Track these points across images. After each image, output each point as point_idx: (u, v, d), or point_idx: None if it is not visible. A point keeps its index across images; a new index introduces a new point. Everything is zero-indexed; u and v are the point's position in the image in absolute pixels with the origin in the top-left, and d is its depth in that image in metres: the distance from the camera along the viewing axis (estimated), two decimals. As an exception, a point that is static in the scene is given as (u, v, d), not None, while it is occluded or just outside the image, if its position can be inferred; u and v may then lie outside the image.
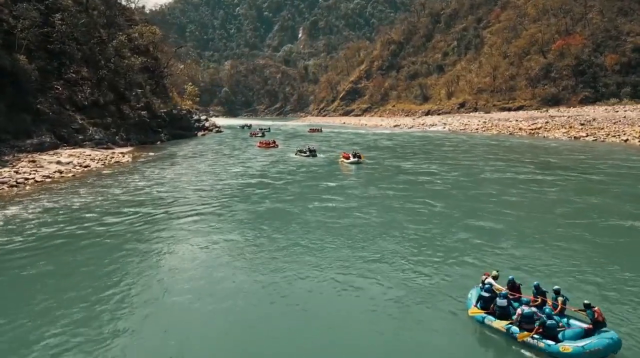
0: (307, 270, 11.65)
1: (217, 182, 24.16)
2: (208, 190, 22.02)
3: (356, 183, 23.80)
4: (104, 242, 14.19)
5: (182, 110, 59.22)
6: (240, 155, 38.93)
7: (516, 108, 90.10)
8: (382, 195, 20.47)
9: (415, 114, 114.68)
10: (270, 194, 21.04)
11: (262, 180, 24.83)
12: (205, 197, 20.63)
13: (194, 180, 25.21)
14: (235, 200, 19.92)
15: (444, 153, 38.28)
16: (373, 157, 35.56)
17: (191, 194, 21.12)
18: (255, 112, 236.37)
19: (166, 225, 15.91)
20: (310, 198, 19.67)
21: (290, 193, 21.28)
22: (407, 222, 15.72)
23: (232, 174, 26.66)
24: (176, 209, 18.10)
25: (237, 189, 22.28)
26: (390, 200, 19.48)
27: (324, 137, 65.28)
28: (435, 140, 51.04)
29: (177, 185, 23.48)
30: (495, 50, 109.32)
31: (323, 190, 21.67)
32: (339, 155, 36.48)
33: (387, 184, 23.29)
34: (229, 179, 25.14)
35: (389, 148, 43.73)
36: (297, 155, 40.04)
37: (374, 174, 27.51)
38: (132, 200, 19.59)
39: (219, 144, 51.18)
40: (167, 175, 26.34)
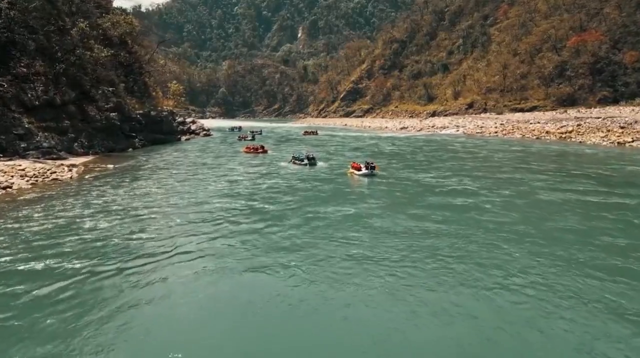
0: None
1: (184, 212, 17.07)
2: (166, 229, 14.66)
3: (376, 209, 17.74)
4: None
5: (163, 111, 53.19)
6: (223, 165, 32.89)
7: (529, 108, 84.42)
8: (416, 231, 14.40)
9: (420, 115, 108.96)
10: (258, 233, 14.51)
11: (247, 203, 18.62)
12: (158, 244, 13.03)
13: (151, 208, 17.71)
14: (204, 248, 12.99)
15: (468, 162, 32.32)
16: (385, 167, 29.67)
17: (137, 241, 13.30)
18: (253, 113, 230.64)
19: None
20: (317, 241, 13.32)
21: (286, 228, 14.97)
22: (468, 285, 9.78)
23: (207, 196, 20.48)
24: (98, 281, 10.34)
25: (209, 224, 15.43)
26: (429, 238, 13.48)
27: (320, 141, 59.30)
28: (451, 145, 45.09)
29: (121, 220, 15.70)
30: (504, 48, 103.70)
31: (332, 223, 15.33)
32: (347, 165, 30.71)
33: (415, 209, 17.32)
34: (201, 205, 18.27)
35: (399, 155, 37.80)
36: (293, 164, 34.24)
37: (393, 193, 21.59)
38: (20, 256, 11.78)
39: (202, 150, 45.06)
40: (117, 199, 18.55)
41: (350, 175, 27.74)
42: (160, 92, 63.94)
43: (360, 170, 27.13)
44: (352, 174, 27.62)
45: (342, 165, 32.59)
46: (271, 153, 42.75)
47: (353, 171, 27.72)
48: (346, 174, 28.30)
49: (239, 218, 16.20)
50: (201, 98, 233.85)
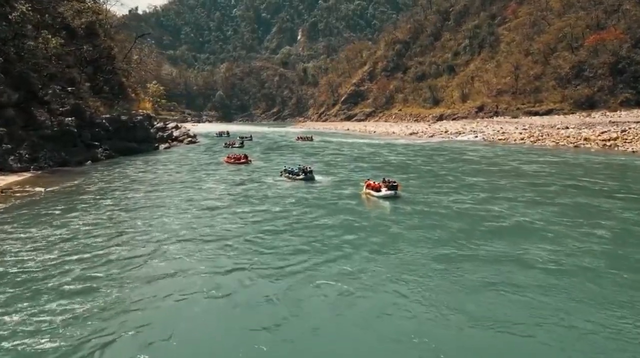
0: None
1: (127, 266, 11.41)
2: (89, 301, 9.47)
3: (416, 260, 11.72)
4: None
5: (137, 115, 46.00)
6: (197, 184, 26.75)
7: (545, 112, 78.33)
8: (471, 293, 8.40)
9: (425, 119, 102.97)
10: (238, 307, 8.71)
11: (216, 261, 12.56)
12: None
13: (76, 263, 12.09)
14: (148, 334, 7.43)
15: (504, 178, 26.18)
16: (404, 186, 23.52)
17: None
18: (251, 117, 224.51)
19: None
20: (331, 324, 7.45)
21: (281, 297, 8.98)
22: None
23: (167, 236, 14.51)
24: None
25: (160, 290, 9.67)
26: (494, 305, 7.55)
27: (317, 148, 52.99)
28: (473, 155, 38.79)
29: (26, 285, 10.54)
30: (515, 48, 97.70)
31: (356, 300, 9.38)
32: (354, 179, 24.54)
33: (470, 262, 11.28)
34: (143, 267, 12.18)
35: (416, 168, 31.61)
36: (284, 179, 28.16)
37: (429, 227, 15.68)
38: None
39: (178, 161, 38.76)
40: (29, 247, 13.30)
41: (365, 197, 21.74)
42: (141, 94, 57.47)
43: (379, 191, 21.08)
44: (369, 195, 21.60)
45: (348, 182, 26.51)
46: (257, 164, 36.80)
47: (369, 192, 21.68)
48: (360, 195, 22.30)
49: (197, 298, 9.98)
50: (198, 101, 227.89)
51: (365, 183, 22.94)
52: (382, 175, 28.23)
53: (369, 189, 22.01)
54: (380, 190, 21.30)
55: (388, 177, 22.87)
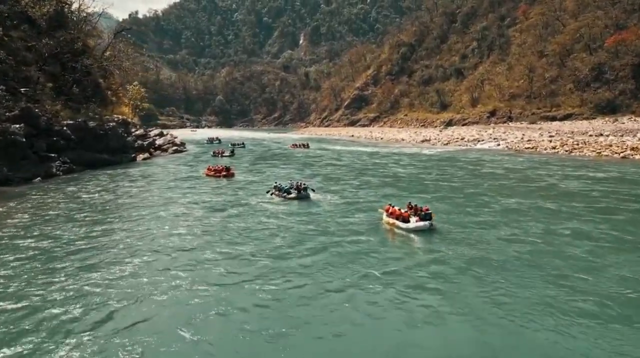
0: None
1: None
2: None
3: None
4: None
5: (111, 121, 39.92)
6: (165, 207, 22.03)
7: (562, 117, 72.94)
8: None
9: (433, 124, 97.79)
10: None
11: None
12: None
13: None
14: None
15: (557, 200, 21.07)
16: (435, 212, 18.25)
17: None
18: (252, 122, 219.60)
19: None
20: None
21: None
22: None
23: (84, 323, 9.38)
24: None
25: None
26: None
27: (312, 158, 47.75)
28: (501, 167, 33.35)
29: None
30: (528, 50, 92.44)
31: None
32: (366, 201, 19.48)
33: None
34: None
35: (438, 185, 26.78)
36: (274, 197, 23.19)
37: (484, 278, 10.71)
38: None
39: (153, 176, 33.90)
40: None
41: (389, 228, 16.53)
42: (125, 97, 52.17)
43: (407, 221, 15.84)
44: (393, 226, 16.35)
45: (357, 204, 21.44)
46: (239, 178, 31.65)
47: (394, 222, 16.42)
48: (378, 224, 17.12)
49: None
50: (197, 106, 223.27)
51: (386, 210, 17.66)
52: (396, 194, 22.94)
53: (392, 218, 16.76)
54: (408, 220, 16.02)
55: (412, 201, 17.65)
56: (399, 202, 19.86)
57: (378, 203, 21.37)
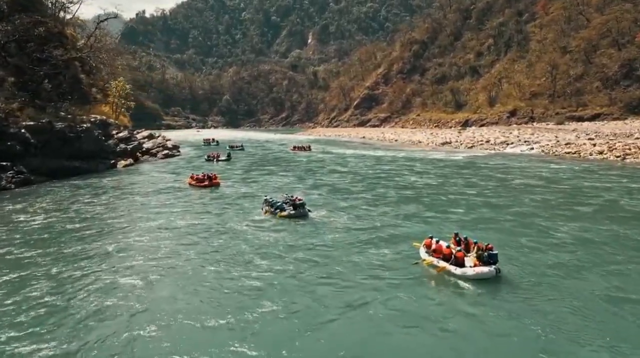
0: None
1: None
2: None
3: None
4: None
5: (85, 122, 34.17)
6: (126, 234, 17.50)
7: (590, 117, 67.96)
8: None
9: (448, 125, 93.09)
10: None
11: None
12: None
13: None
14: None
15: (627, 223, 16.42)
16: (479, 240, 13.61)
17: None
18: (259, 123, 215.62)
19: None
20: None
21: None
22: None
23: None
24: None
25: None
26: None
27: (317, 163, 43.18)
28: (545, 176, 28.27)
29: None
30: (550, 46, 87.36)
31: None
32: (413, 243, 14.45)
33: None
34: None
35: (475, 202, 21.60)
36: (263, 212, 19.98)
37: None
38: None
39: (127, 188, 28.75)
40: None
41: (434, 272, 12.01)
42: (113, 95, 47.60)
43: (461, 264, 11.34)
44: (441, 271, 11.82)
45: (373, 230, 16.94)
46: (226, 190, 27.30)
47: (444, 266, 11.85)
48: (418, 264, 12.64)
49: None
50: (203, 106, 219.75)
51: (426, 245, 13.09)
52: (421, 215, 18.60)
53: (437, 258, 12.14)
54: (463, 262, 11.47)
55: (457, 232, 13.21)
56: (434, 229, 15.42)
57: (403, 229, 16.91)
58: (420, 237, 14.75)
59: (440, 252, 12.26)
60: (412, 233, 16.19)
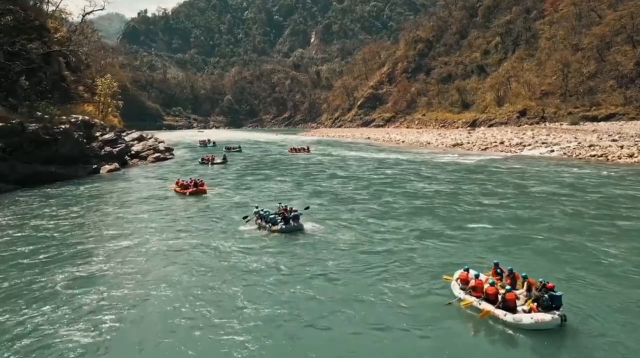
0: None
1: None
2: None
3: None
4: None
5: (63, 123, 30.89)
6: (89, 255, 14.87)
7: (604, 117, 65.22)
8: None
9: (454, 125, 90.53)
10: None
11: None
12: None
13: None
14: None
15: None
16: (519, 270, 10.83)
17: None
18: (261, 123, 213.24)
19: None
20: None
21: None
22: None
23: None
24: None
25: None
26: None
27: (317, 166, 40.57)
28: (570, 183, 24.95)
29: None
30: (560, 43, 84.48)
31: None
32: (443, 277, 11.37)
33: None
34: None
35: (503, 217, 18.83)
36: (250, 224, 17.74)
37: None
38: None
39: (104, 197, 25.84)
40: None
41: (476, 316, 9.18)
42: (106, 97, 44.72)
43: (512, 308, 8.55)
44: (485, 315, 8.99)
45: (386, 254, 14.30)
46: (215, 199, 24.79)
47: (489, 310, 9.02)
48: (451, 305, 9.87)
49: None
50: (205, 106, 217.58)
51: (461, 278, 10.29)
52: (438, 232, 16.03)
53: (476, 298, 9.38)
54: (514, 306, 8.74)
55: (497, 262, 10.57)
56: (459, 252, 12.79)
57: (422, 251, 14.25)
58: (446, 264, 12.20)
59: (482, 290, 9.59)
60: (434, 257, 13.48)
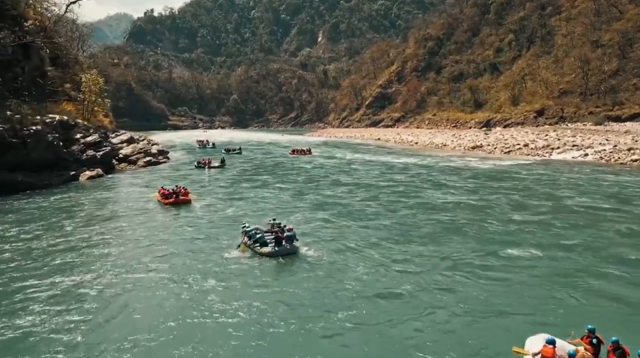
0: None
1: None
2: None
3: None
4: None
5: (35, 124, 27.27)
6: (33, 291, 11.77)
7: (628, 117, 61.49)
8: None
9: (467, 125, 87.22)
10: None
11: None
12: None
13: None
14: None
15: None
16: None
17: None
18: (267, 123, 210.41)
19: None
20: None
21: None
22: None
23: None
24: None
25: None
26: None
27: (319, 169, 37.46)
28: (625, 195, 22.72)
29: None
30: (579, 40, 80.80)
31: None
32: (512, 350, 8.06)
33: None
34: None
35: (558, 238, 15.55)
36: (243, 250, 14.75)
37: None
38: None
39: (71, 212, 21.90)
40: None
41: None
42: (90, 94, 41.22)
43: None
44: None
45: (413, 295, 11.19)
46: (203, 209, 21.69)
47: None
48: None
49: None
50: (211, 106, 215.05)
51: (544, 356, 7.18)
52: (500, 271, 13.08)
53: None
54: None
55: (593, 328, 7.58)
56: (515, 304, 9.76)
57: (463, 295, 11.12)
58: (498, 317, 9.11)
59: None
60: (477, 305, 10.28)
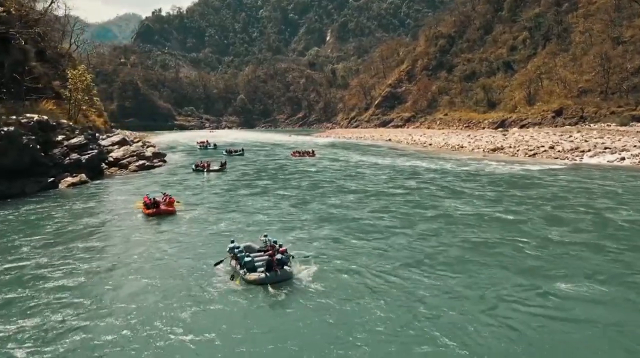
0: None
1: None
2: None
3: None
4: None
5: (10, 125, 24.21)
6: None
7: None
8: None
9: (480, 125, 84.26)
10: None
11: None
12: None
13: None
14: None
15: None
16: None
17: None
18: (275, 123, 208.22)
19: None
20: None
21: None
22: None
23: None
24: None
25: None
26: None
27: (324, 172, 34.56)
28: None
29: None
30: (598, 37, 77.42)
31: None
32: None
33: None
34: None
35: (614, 265, 12.25)
36: (232, 278, 11.64)
37: None
38: None
39: (37, 228, 17.64)
40: None
41: None
42: (77, 92, 38.66)
43: None
44: None
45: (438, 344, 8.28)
46: (187, 224, 18.23)
47: None
48: None
49: None
50: (218, 106, 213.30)
51: None
52: (556, 314, 10.33)
53: None
54: None
55: None
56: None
57: (505, 348, 8.61)
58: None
59: None
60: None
